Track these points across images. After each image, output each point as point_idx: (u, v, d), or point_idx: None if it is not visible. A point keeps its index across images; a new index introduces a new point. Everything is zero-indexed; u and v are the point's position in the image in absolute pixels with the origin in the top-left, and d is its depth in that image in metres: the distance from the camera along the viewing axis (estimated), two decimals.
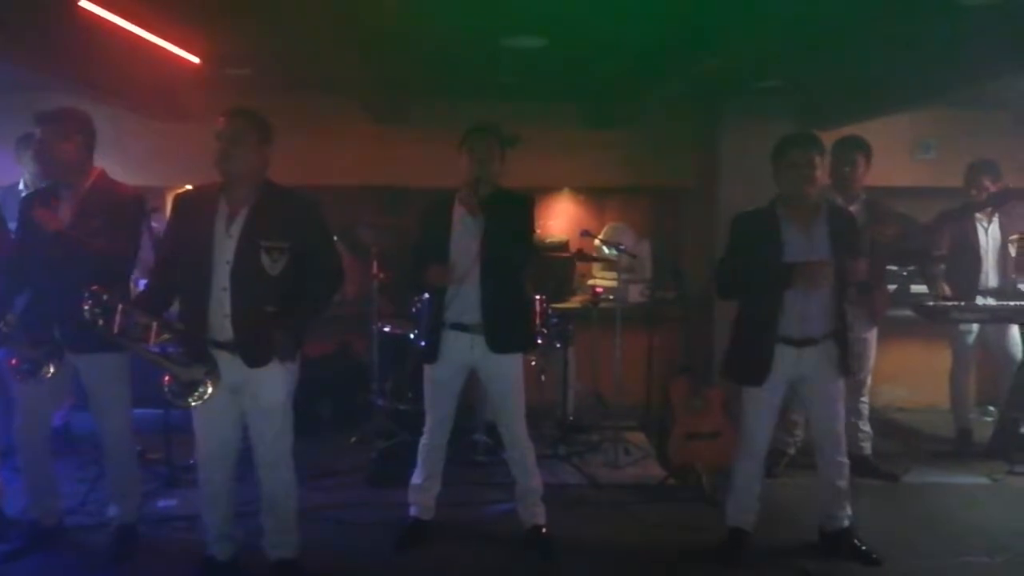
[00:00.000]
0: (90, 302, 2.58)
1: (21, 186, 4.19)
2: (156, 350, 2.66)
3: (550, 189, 6.22)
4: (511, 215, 3.32)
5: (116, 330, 2.59)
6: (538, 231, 4.57)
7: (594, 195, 6.30)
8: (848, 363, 3.26)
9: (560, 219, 6.24)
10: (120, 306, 2.61)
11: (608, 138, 5.92)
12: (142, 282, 3.91)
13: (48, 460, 3.34)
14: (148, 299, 2.84)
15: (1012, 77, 4.36)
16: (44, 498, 3.37)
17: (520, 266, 3.39)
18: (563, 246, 5.85)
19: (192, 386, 2.65)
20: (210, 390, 2.66)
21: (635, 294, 5.53)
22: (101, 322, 2.58)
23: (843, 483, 3.35)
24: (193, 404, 2.68)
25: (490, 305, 3.27)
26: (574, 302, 5.63)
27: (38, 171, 3.86)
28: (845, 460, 3.35)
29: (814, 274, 3.04)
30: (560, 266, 5.70)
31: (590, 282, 5.79)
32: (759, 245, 3.17)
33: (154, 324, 2.61)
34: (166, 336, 2.69)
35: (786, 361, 3.18)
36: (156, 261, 3.04)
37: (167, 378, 2.66)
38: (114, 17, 3.22)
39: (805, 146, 3.14)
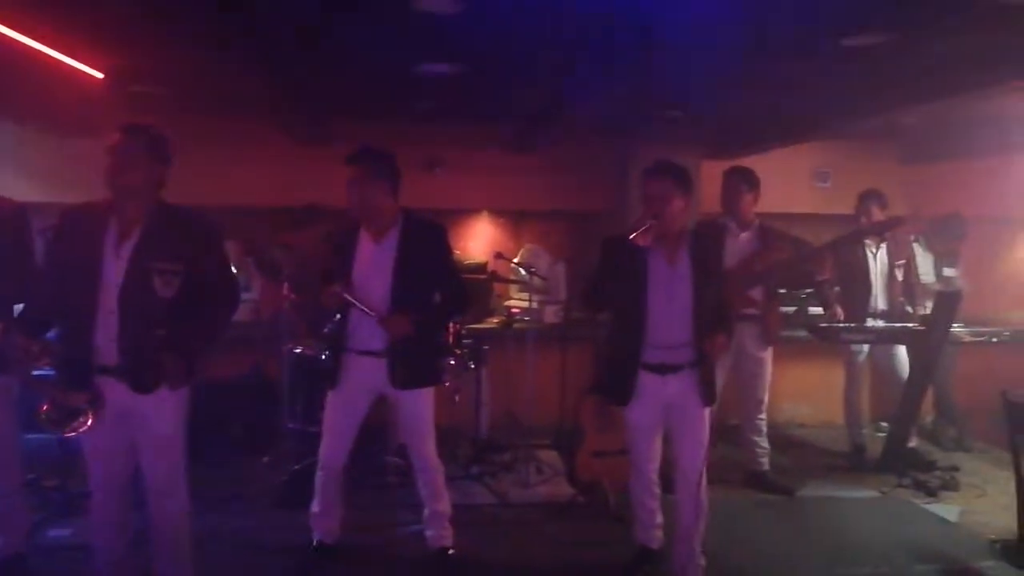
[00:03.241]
0: None
1: None
2: (37, 374, 2.57)
3: (470, 211, 6.32)
4: (427, 245, 3.33)
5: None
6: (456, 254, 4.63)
7: (513, 218, 6.42)
8: (712, 392, 3.21)
9: (478, 240, 6.33)
10: (0, 325, 2.51)
11: (528, 163, 6.06)
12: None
13: None
14: (28, 319, 2.73)
15: (899, 112, 4.67)
16: None
17: (434, 301, 3.38)
18: (481, 267, 5.92)
19: (72, 414, 2.56)
20: (90, 421, 2.57)
21: (550, 315, 5.64)
22: None
23: (699, 526, 3.23)
24: (70, 433, 2.58)
25: (401, 340, 3.22)
26: (491, 323, 5.69)
27: None
28: (702, 499, 3.21)
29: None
30: (477, 287, 5.76)
31: (506, 303, 5.87)
32: (624, 270, 3.13)
33: (35, 347, 2.52)
34: (46, 360, 2.59)
35: (652, 387, 3.17)
36: (36, 280, 2.92)
37: (45, 405, 2.56)
38: (4, 28, 3.11)
39: (656, 177, 3.13)
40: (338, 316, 3.46)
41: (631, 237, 2.97)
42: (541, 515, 4.17)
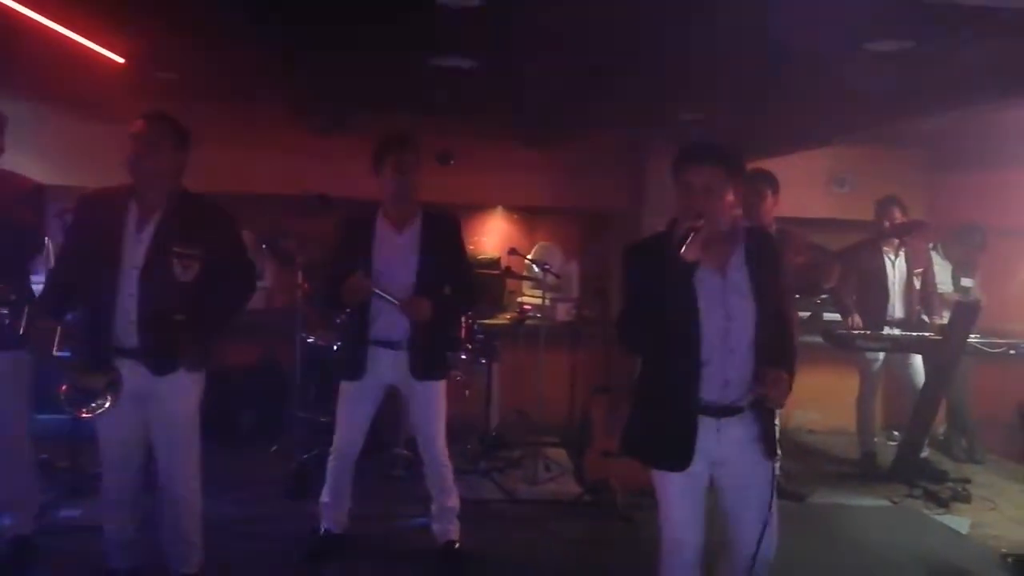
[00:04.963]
0: None
1: None
2: (57, 355, 2.59)
3: (483, 207, 6.30)
4: (445, 237, 3.34)
5: (22, 331, 2.52)
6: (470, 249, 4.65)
7: (527, 214, 6.40)
8: (774, 443, 2.47)
9: (492, 236, 6.30)
10: (25, 307, 2.53)
11: (543, 159, 6.02)
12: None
13: None
14: (48, 301, 2.74)
15: (917, 118, 4.62)
16: None
17: (460, 294, 3.40)
18: (494, 263, 5.91)
19: (90, 395, 2.58)
20: (108, 403, 2.59)
21: (562, 313, 5.63)
22: (8, 322, 2.50)
23: None
24: (88, 415, 2.60)
25: (422, 329, 3.22)
26: (503, 319, 5.68)
27: None
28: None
29: None
30: (490, 283, 5.75)
31: (519, 299, 5.86)
32: (664, 289, 2.29)
33: (57, 328, 2.54)
34: (68, 341, 2.62)
35: (704, 437, 2.35)
36: (56, 262, 2.95)
37: (64, 386, 2.58)
38: (28, 11, 3.10)
39: (698, 162, 2.33)
40: (354, 307, 3.41)
41: (681, 252, 2.20)
42: (548, 512, 4.17)
